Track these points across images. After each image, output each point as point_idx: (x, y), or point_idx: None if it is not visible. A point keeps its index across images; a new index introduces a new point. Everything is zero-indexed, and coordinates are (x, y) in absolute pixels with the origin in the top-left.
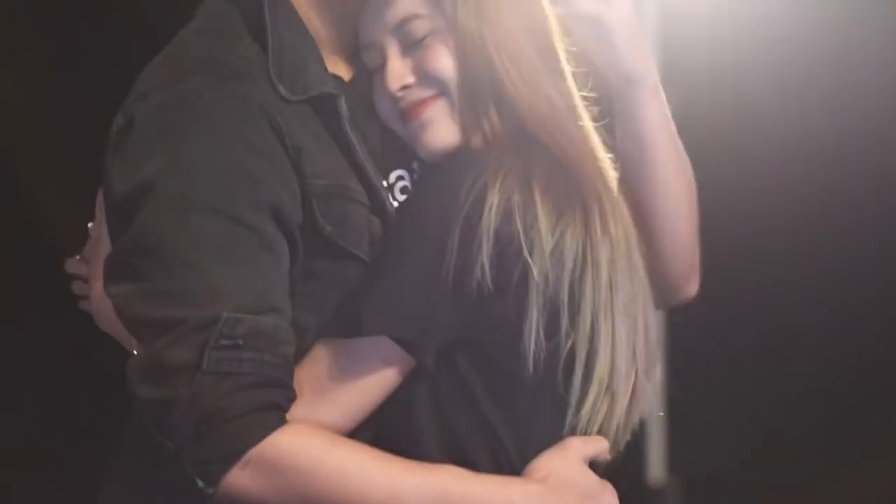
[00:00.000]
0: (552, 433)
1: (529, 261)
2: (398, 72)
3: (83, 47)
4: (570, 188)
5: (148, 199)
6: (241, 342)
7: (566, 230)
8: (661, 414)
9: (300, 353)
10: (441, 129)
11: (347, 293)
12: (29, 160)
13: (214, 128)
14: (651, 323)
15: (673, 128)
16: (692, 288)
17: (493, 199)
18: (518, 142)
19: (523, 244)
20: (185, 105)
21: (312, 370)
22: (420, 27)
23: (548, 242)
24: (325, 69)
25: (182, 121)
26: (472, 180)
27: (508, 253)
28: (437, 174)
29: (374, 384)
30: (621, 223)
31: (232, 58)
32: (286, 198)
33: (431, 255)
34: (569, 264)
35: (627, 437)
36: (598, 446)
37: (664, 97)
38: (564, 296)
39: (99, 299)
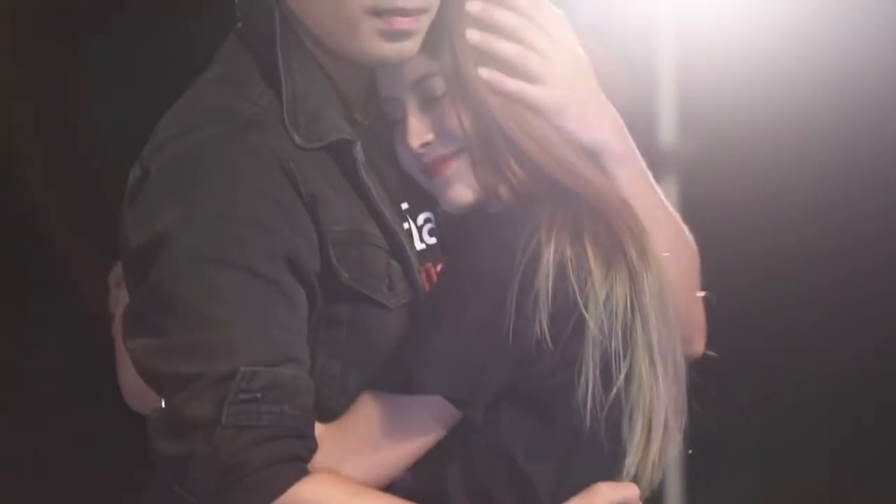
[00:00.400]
0: (593, 480)
1: (585, 314)
2: (418, 129)
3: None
4: (612, 234)
5: (163, 251)
6: (259, 395)
7: (616, 280)
8: (691, 452)
9: (325, 401)
10: (464, 186)
11: (374, 339)
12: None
13: (229, 178)
14: (681, 364)
15: (654, 193)
16: (696, 347)
17: (548, 256)
18: (552, 190)
19: (578, 299)
20: (200, 156)
21: (359, 423)
22: (438, 84)
23: (601, 294)
24: (341, 114)
25: (196, 172)
26: (526, 237)
27: (564, 308)
28: (489, 230)
29: (421, 440)
30: (655, 263)
31: (246, 106)
32: (302, 246)
33: (487, 313)
34: (620, 313)
35: (659, 478)
36: (627, 492)
37: (636, 163)
38: (619, 345)
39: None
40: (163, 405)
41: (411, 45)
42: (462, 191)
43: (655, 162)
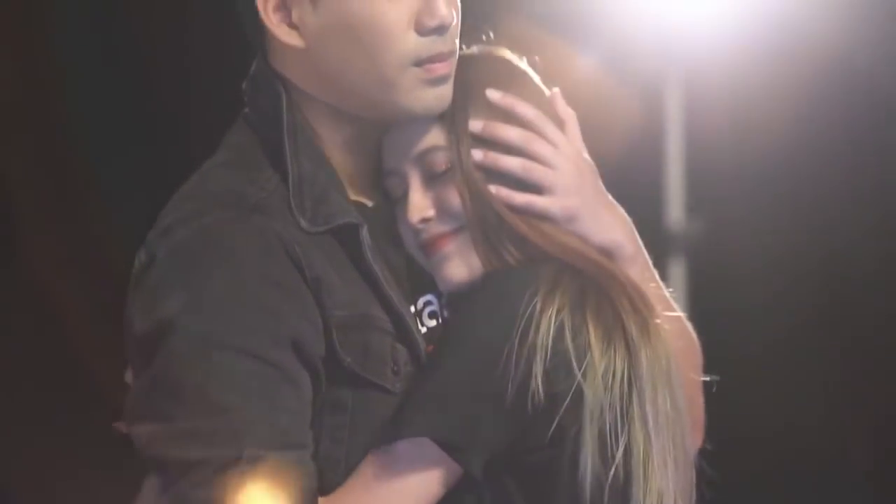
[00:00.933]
0: None
1: (583, 385)
2: (419, 204)
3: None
4: (613, 308)
5: (169, 337)
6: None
7: (615, 354)
8: None
9: (330, 487)
10: (461, 264)
11: (378, 424)
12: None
13: (234, 263)
14: (688, 443)
15: (658, 289)
16: (695, 441)
17: (550, 314)
18: (553, 261)
19: (576, 367)
20: (205, 241)
21: (355, 477)
22: (441, 159)
23: (600, 367)
24: (347, 198)
25: (202, 257)
26: (529, 295)
27: (561, 369)
28: (491, 282)
29: (415, 490)
30: (660, 341)
31: (252, 190)
32: (308, 331)
33: (483, 363)
34: (618, 387)
35: None
36: None
37: (645, 261)
38: (617, 419)
39: None
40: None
41: (449, 90)
42: (456, 268)
43: (663, 241)
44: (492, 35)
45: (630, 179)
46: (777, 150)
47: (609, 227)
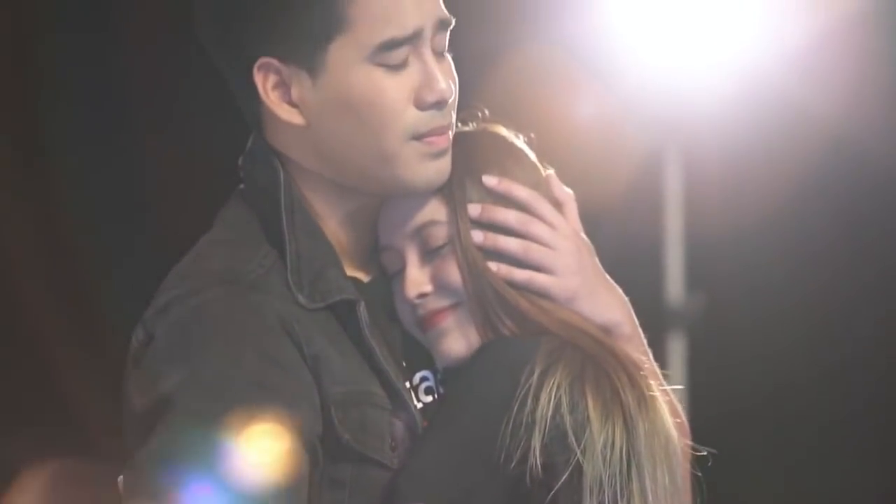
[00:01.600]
0: None
1: (582, 460)
2: (416, 279)
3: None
4: (611, 383)
5: (168, 414)
6: None
7: (614, 429)
8: None
9: None
10: (458, 339)
11: (377, 500)
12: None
13: (232, 341)
14: None
15: (652, 371)
16: None
17: (550, 388)
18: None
19: (574, 442)
20: (203, 318)
21: None
22: (439, 234)
23: (599, 442)
24: (344, 274)
25: (200, 334)
26: (530, 368)
27: (559, 443)
28: (491, 355)
29: None
30: (658, 416)
31: (249, 267)
32: (305, 408)
33: (481, 433)
34: (616, 462)
35: None
36: None
37: (641, 342)
38: (616, 494)
39: None
40: None
41: (448, 164)
42: (456, 343)
43: (663, 317)
44: (486, 112)
45: (629, 255)
46: (777, 225)
47: (607, 306)
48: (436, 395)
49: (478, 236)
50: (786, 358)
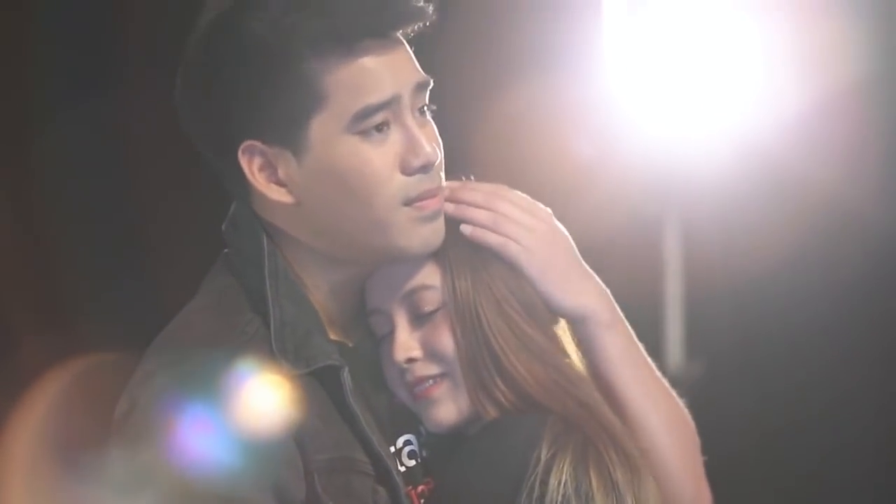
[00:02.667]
0: None
1: None
2: (405, 344)
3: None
4: (600, 455)
5: (149, 485)
6: None
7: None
8: None
9: None
10: (450, 407)
11: None
12: None
13: (215, 409)
14: None
15: (645, 363)
16: None
17: (558, 477)
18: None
19: None
20: (186, 387)
21: None
22: (429, 298)
23: None
24: (329, 340)
25: (183, 403)
26: (536, 455)
27: None
28: (497, 438)
29: None
30: (648, 485)
31: (233, 335)
32: (289, 477)
33: None
34: None
35: None
36: None
37: (624, 330)
38: None
39: None
40: None
41: (442, 225)
42: (447, 412)
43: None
44: (472, 177)
45: (629, 321)
46: (775, 292)
47: (580, 291)
48: (419, 459)
49: (448, 207)
50: (786, 424)
